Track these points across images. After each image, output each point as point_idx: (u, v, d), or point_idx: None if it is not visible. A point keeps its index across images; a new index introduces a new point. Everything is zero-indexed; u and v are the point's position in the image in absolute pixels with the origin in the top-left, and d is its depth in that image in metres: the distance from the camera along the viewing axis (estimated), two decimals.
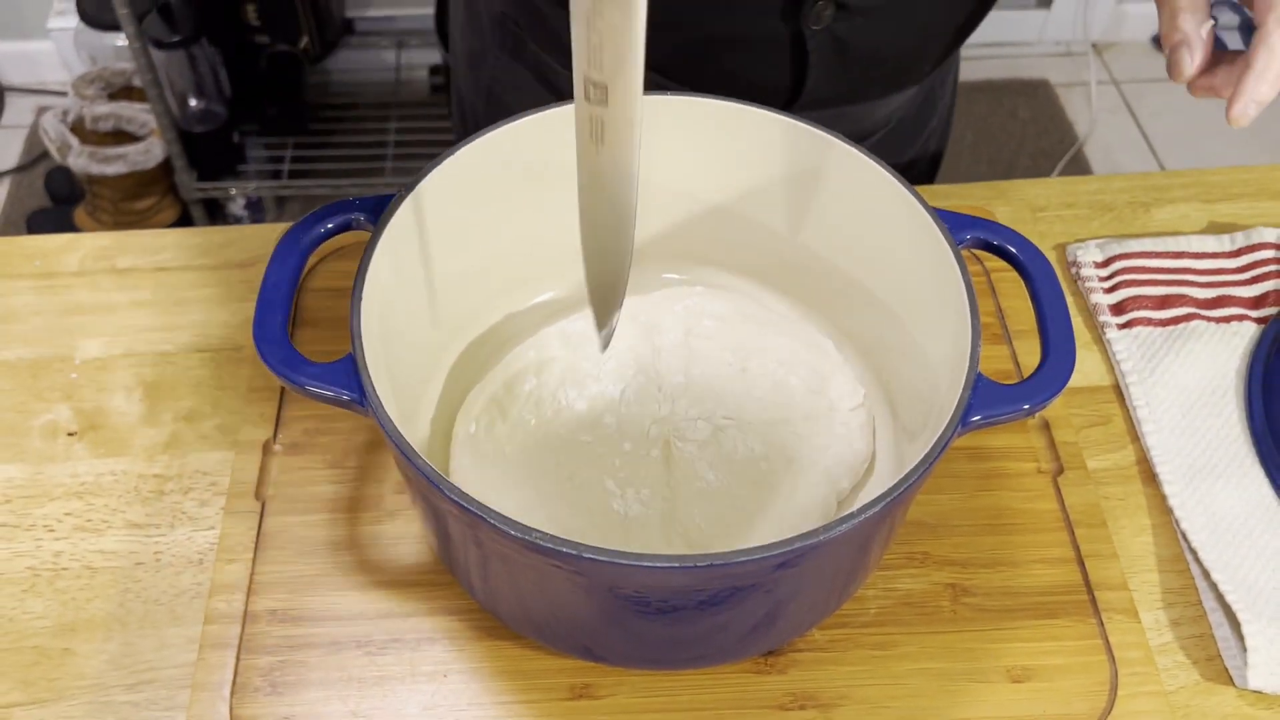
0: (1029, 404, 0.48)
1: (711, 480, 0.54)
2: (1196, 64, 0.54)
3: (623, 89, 0.41)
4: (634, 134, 0.43)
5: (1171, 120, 2.23)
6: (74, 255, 0.74)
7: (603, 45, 0.40)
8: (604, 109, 0.42)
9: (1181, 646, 0.58)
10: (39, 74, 2.20)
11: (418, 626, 0.56)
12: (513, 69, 0.74)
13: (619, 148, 0.43)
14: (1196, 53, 0.53)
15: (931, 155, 0.88)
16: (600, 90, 0.41)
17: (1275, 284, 0.72)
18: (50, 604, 0.59)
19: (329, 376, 0.47)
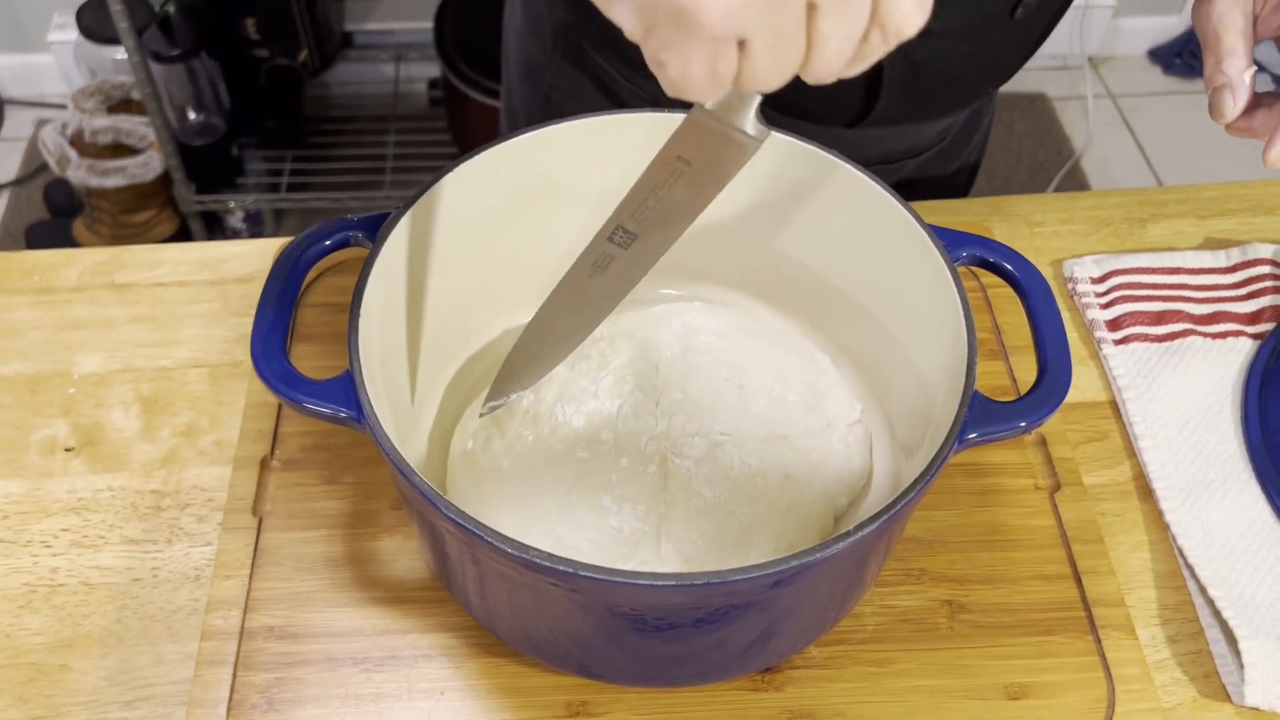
0: (1025, 421, 0.48)
1: (708, 496, 0.54)
2: (1239, 107, 0.57)
3: (649, 247, 0.43)
4: (636, 280, 0.44)
5: (1168, 134, 2.24)
6: (72, 270, 0.74)
7: (655, 209, 0.41)
8: (621, 251, 0.44)
9: (1179, 663, 0.58)
10: (38, 87, 2.20)
11: (415, 643, 0.56)
12: (574, 77, 0.74)
13: (615, 285, 0.45)
14: (1240, 96, 0.56)
15: (972, 166, 0.89)
16: (628, 237, 0.43)
17: (1271, 300, 0.72)
18: (47, 620, 0.58)
19: (326, 393, 0.47)
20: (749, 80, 0.34)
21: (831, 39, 0.33)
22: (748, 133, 0.39)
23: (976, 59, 0.69)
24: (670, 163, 0.41)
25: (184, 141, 1.83)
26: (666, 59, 0.33)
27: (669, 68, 0.33)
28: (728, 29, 0.32)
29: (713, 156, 0.40)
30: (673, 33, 0.32)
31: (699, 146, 0.40)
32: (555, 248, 0.62)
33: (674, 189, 0.41)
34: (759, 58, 0.33)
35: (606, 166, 0.58)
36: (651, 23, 0.33)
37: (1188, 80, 2.34)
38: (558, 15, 0.74)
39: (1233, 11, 0.57)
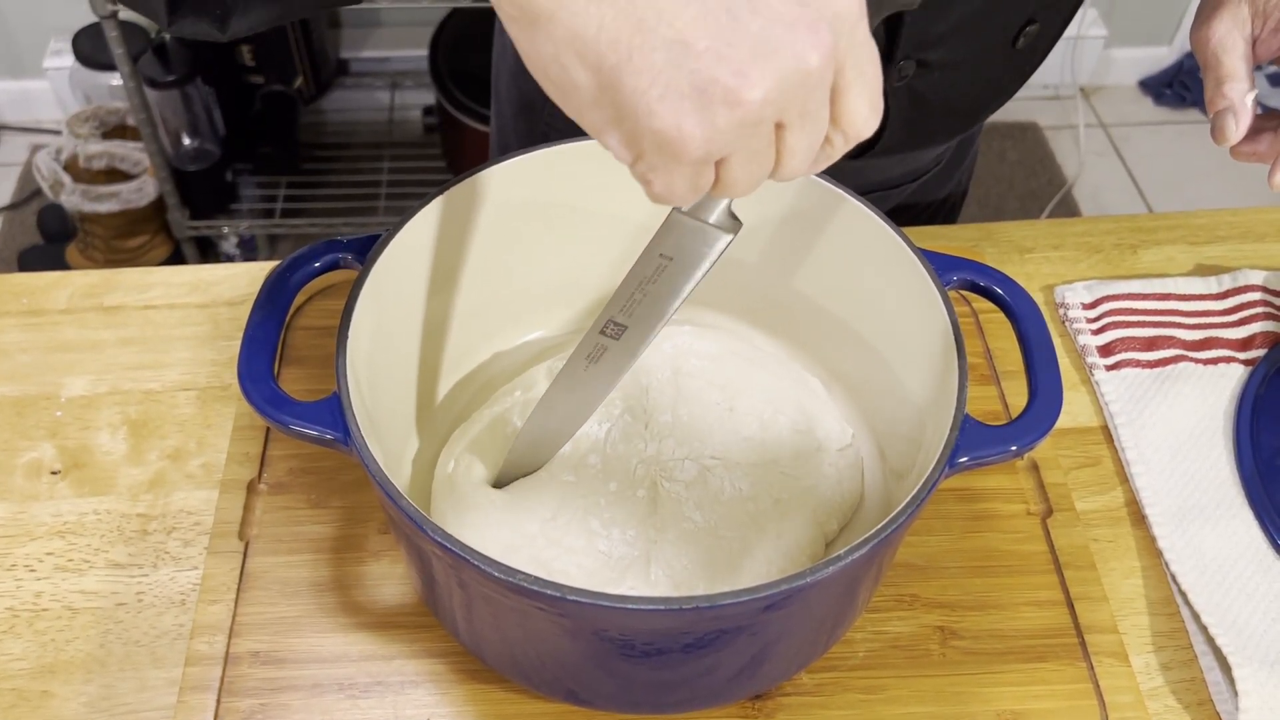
0: (1017, 445, 0.48)
1: (698, 521, 0.53)
2: (1242, 131, 0.57)
3: (639, 334, 0.47)
4: (631, 364, 0.48)
5: (1159, 163, 2.25)
6: (62, 293, 0.73)
7: (643, 303, 0.46)
8: (613, 342, 0.47)
9: (1172, 690, 0.58)
10: (33, 112, 2.20)
11: (401, 669, 0.55)
12: None
13: (609, 371, 0.48)
14: (1242, 120, 0.57)
15: (962, 191, 0.90)
16: (619, 329, 0.47)
17: (1262, 326, 0.72)
18: (29, 645, 0.58)
19: (313, 416, 0.47)
20: (725, 191, 0.38)
21: (798, 150, 0.37)
22: (721, 228, 0.43)
23: (978, 87, 0.70)
24: (653, 259, 0.45)
25: (178, 167, 1.83)
26: (653, 179, 0.36)
27: (655, 185, 0.37)
28: (707, 153, 0.35)
29: (691, 251, 0.44)
30: (658, 159, 0.35)
31: (678, 243, 0.44)
32: (545, 271, 0.62)
33: (659, 282, 0.45)
34: (735, 172, 0.37)
35: (599, 190, 0.58)
36: (639, 151, 0.36)
37: (1178, 110, 2.36)
38: None
39: (1232, 34, 0.57)
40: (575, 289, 0.64)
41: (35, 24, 2.08)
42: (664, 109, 0.34)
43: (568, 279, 0.63)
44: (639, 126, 0.35)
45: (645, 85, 0.34)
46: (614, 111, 0.35)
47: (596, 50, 0.34)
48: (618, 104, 0.35)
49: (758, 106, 0.34)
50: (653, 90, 0.34)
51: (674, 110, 0.34)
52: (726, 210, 0.43)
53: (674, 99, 0.34)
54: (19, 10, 2.06)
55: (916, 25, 0.61)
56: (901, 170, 0.77)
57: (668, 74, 0.34)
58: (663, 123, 0.34)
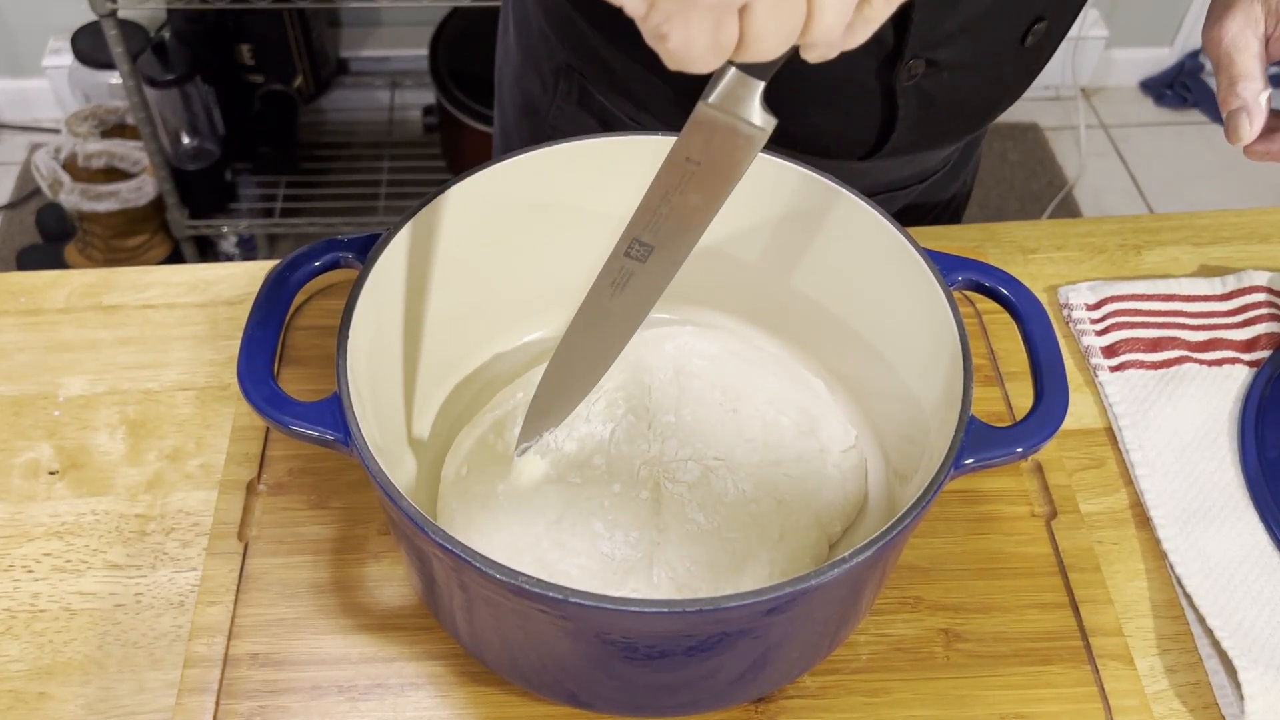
0: (1022, 447, 0.48)
1: (701, 522, 0.53)
2: (1256, 130, 0.57)
3: (668, 257, 0.42)
4: (658, 294, 0.44)
5: (1160, 164, 2.25)
6: (60, 292, 0.73)
7: (669, 217, 0.41)
8: (640, 265, 0.43)
9: (1177, 694, 0.57)
10: (32, 111, 2.20)
11: (401, 671, 0.55)
12: (577, 117, 0.75)
13: (637, 301, 0.44)
14: (1256, 119, 0.57)
15: (967, 191, 0.90)
16: (644, 250, 0.42)
17: (1267, 327, 0.72)
18: (27, 646, 0.57)
19: (314, 416, 0.46)
20: (750, 47, 0.34)
21: (831, 2, 0.33)
22: (754, 123, 0.39)
23: (988, 87, 0.70)
24: (679, 165, 0.41)
25: (178, 166, 1.83)
26: (668, 31, 0.33)
27: (671, 39, 0.33)
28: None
29: (721, 152, 0.40)
30: (674, 4, 0.32)
31: (706, 144, 0.40)
32: (547, 271, 0.62)
33: (686, 192, 0.41)
34: (760, 23, 0.33)
35: (600, 190, 0.58)
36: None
37: (1179, 111, 2.35)
38: (559, 57, 0.74)
39: (1245, 34, 0.57)
40: (576, 290, 0.63)
41: (34, 23, 2.08)
42: None
43: (568, 280, 0.63)
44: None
45: None
46: None
47: None
48: None
49: None
50: None
51: None
52: (759, 102, 0.39)
53: None
54: (18, 9, 2.05)
55: (925, 23, 0.61)
56: (909, 171, 0.77)
57: None
58: None
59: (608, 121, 0.74)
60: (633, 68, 0.68)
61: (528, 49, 0.77)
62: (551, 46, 0.73)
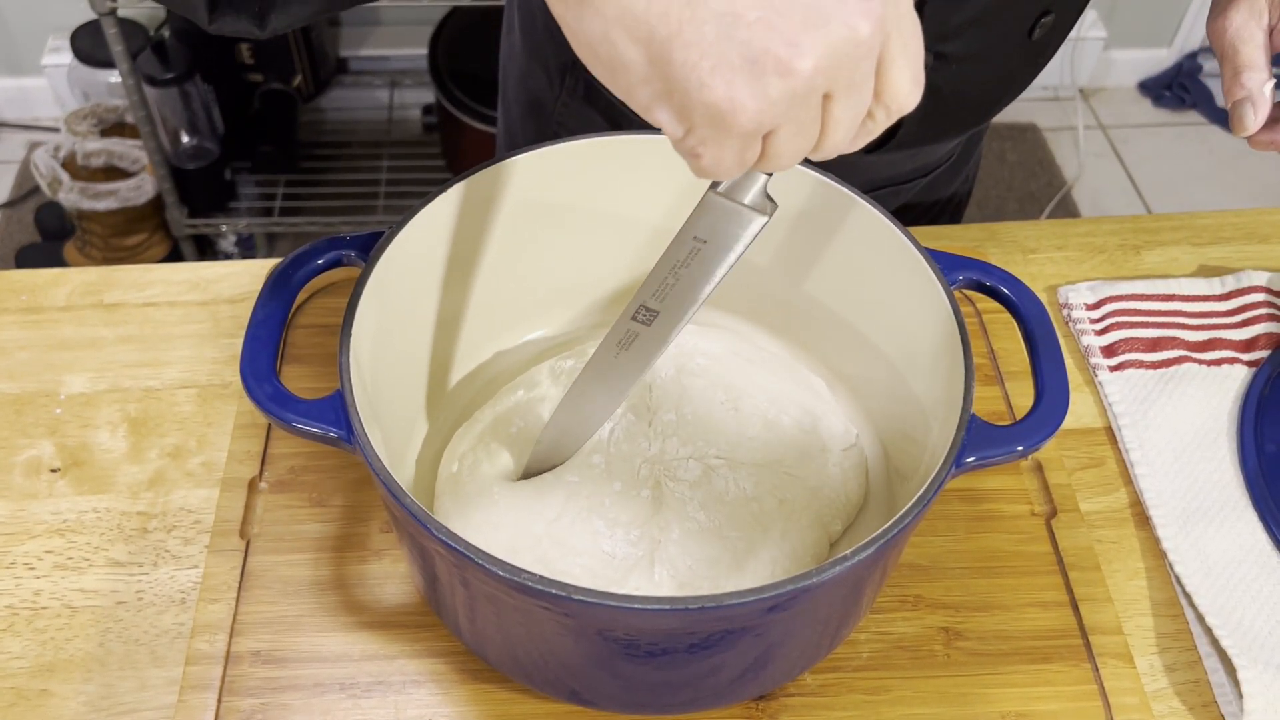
0: (1023, 445, 0.48)
1: (702, 520, 0.53)
2: (1260, 120, 0.57)
3: (670, 322, 0.46)
4: (661, 351, 0.47)
5: (1158, 165, 2.25)
6: (61, 290, 0.73)
7: (675, 287, 0.45)
8: (644, 328, 0.47)
9: (1177, 692, 0.58)
10: (32, 110, 2.20)
11: (403, 669, 0.55)
12: (584, 113, 0.75)
13: (639, 359, 0.48)
14: (1260, 109, 0.57)
15: (967, 190, 0.90)
16: (650, 315, 0.46)
17: (1266, 327, 0.72)
18: (29, 644, 0.57)
19: (316, 414, 0.46)
20: (770, 163, 0.37)
21: (843, 122, 0.36)
22: (757, 209, 0.43)
23: (993, 80, 0.70)
24: (687, 243, 0.44)
25: (177, 165, 1.83)
26: (702, 152, 0.36)
27: (704, 159, 0.37)
28: (758, 125, 0.35)
29: (726, 233, 0.43)
30: (709, 131, 0.35)
31: (712, 226, 0.43)
32: (547, 270, 0.62)
33: (692, 266, 0.44)
34: (782, 145, 0.36)
35: (602, 189, 0.58)
36: (690, 124, 0.36)
37: (1177, 112, 2.36)
38: (565, 54, 0.74)
39: (1249, 25, 0.57)
40: (578, 288, 0.64)
41: (34, 21, 2.08)
42: (716, 81, 0.34)
43: (570, 278, 0.63)
44: (690, 99, 0.35)
45: (696, 58, 0.34)
46: (664, 85, 0.35)
47: (647, 25, 0.34)
48: (668, 78, 0.35)
49: (809, 76, 0.34)
50: (704, 62, 0.34)
51: (726, 82, 0.34)
52: (762, 191, 0.43)
53: (726, 70, 0.34)
54: (17, 8, 2.05)
55: (935, 17, 0.61)
56: (913, 166, 0.77)
57: (719, 46, 0.34)
58: (715, 95, 0.34)
59: (614, 118, 0.74)
60: None
61: (533, 46, 0.77)
62: (557, 43, 0.74)
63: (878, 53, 0.35)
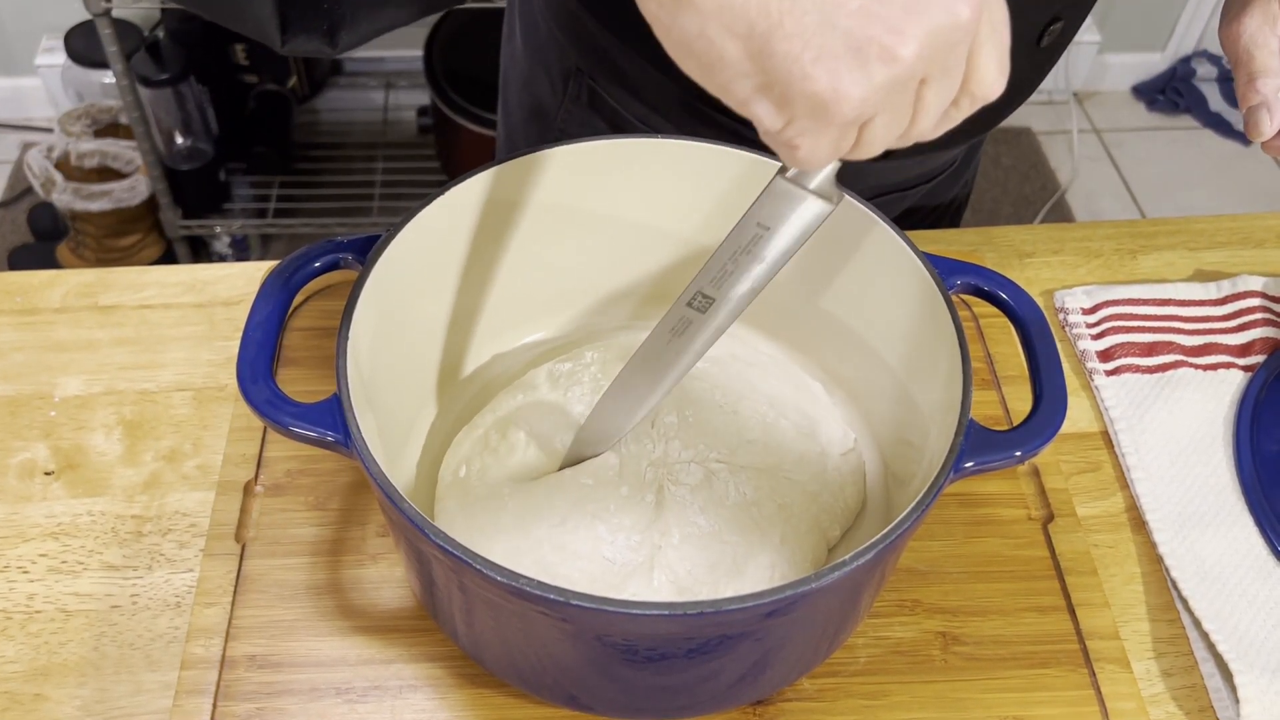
0: (1021, 450, 0.48)
1: (703, 525, 0.53)
2: (1275, 125, 0.58)
3: (727, 309, 0.46)
4: (714, 339, 0.47)
5: (1152, 169, 2.26)
6: (56, 291, 0.73)
7: (734, 274, 0.44)
8: (699, 315, 0.46)
9: (1173, 697, 0.58)
10: (25, 110, 2.19)
11: (400, 673, 0.55)
12: (587, 119, 0.75)
13: (691, 346, 0.47)
14: (1276, 114, 0.58)
15: (966, 194, 0.91)
16: (706, 302, 0.46)
17: (1262, 332, 0.72)
18: (22, 648, 0.57)
19: (313, 417, 0.46)
20: (862, 151, 0.37)
21: (932, 108, 0.36)
22: (825, 196, 0.42)
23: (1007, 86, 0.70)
24: (750, 229, 0.44)
25: (171, 166, 1.82)
26: (800, 143, 0.36)
27: (801, 150, 0.36)
28: (861, 114, 0.35)
29: (792, 220, 0.43)
30: (809, 122, 0.35)
31: (778, 212, 0.43)
32: (545, 273, 0.62)
33: (752, 252, 0.44)
34: (877, 132, 0.36)
35: (600, 192, 0.58)
36: (791, 115, 0.35)
37: (1171, 116, 2.36)
38: (569, 60, 0.74)
39: (1263, 30, 0.58)
40: (576, 291, 0.64)
41: (27, 21, 2.07)
42: (819, 70, 0.34)
43: (568, 281, 0.63)
44: (792, 90, 0.34)
45: (798, 49, 0.34)
46: (764, 78, 0.35)
47: (746, 18, 0.34)
48: (769, 70, 0.34)
49: (911, 63, 0.34)
50: (806, 53, 0.33)
51: (829, 71, 0.33)
52: (831, 178, 0.42)
53: (829, 60, 0.33)
54: (11, 8, 2.05)
55: None
56: (918, 171, 0.77)
57: (820, 35, 0.33)
58: (818, 84, 0.34)
59: (618, 124, 0.74)
60: (644, 69, 0.68)
61: (536, 52, 0.77)
62: (561, 49, 0.73)
63: (972, 38, 0.35)
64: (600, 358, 0.59)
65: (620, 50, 0.70)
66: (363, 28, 0.45)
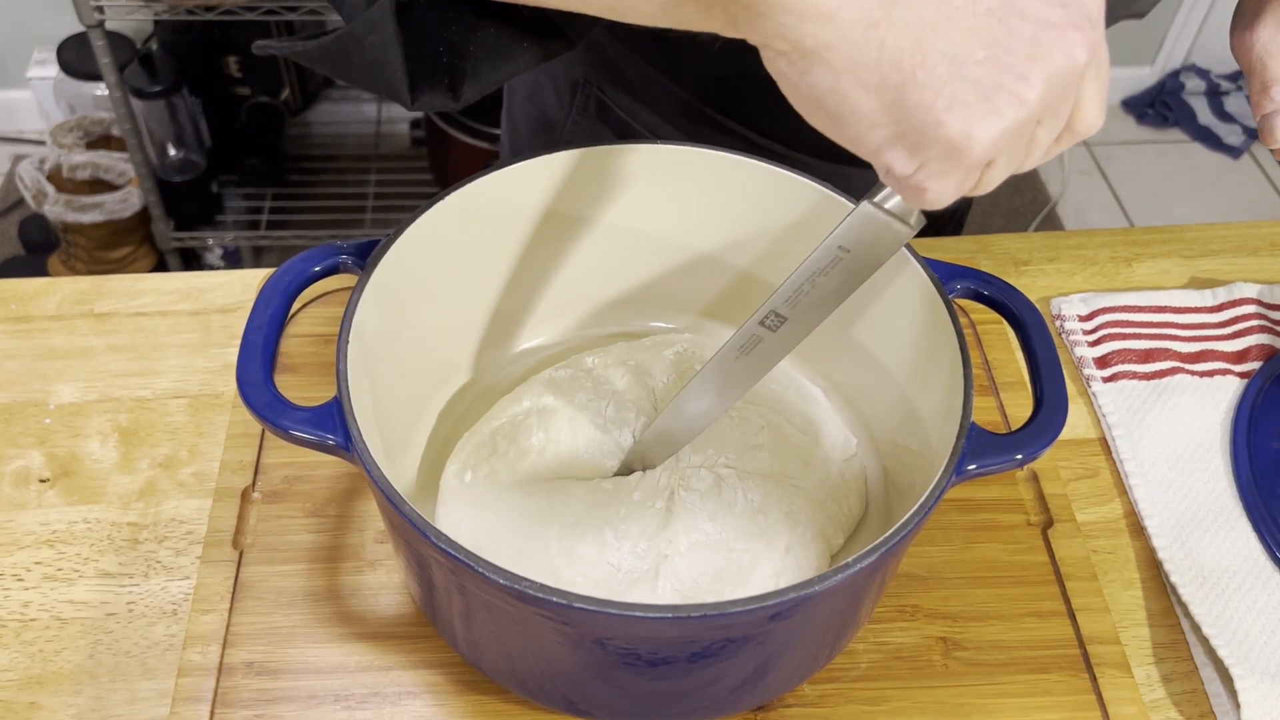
0: (1022, 454, 0.48)
1: (710, 532, 0.52)
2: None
3: (797, 328, 0.47)
4: (780, 358, 0.48)
5: (1141, 181, 2.27)
6: (51, 299, 0.72)
7: (809, 295, 0.45)
8: (770, 334, 0.47)
9: (1174, 702, 0.58)
10: (16, 122, 2.19)
11: (398, 680, 0.55)
12: (594, 130, 0.76)
13: (760, 364, 0.49)
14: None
15: (967, 205, 0.91)
16: (778, 321, 0.47)
17: (1257, 339, 0.72)
18: (17, 656, 0.57)
19: (313, 421, 0.46)
20: (981, 189, 0.39)
21: (1042, 145, 0.38)
22: (909, 224, 0.43)
23: None
24: (831, 252, 0.44)
25: (163, 178, 1.82)
26: (930, 185, 0.37)
27: (929, 191, 0.38)
28: (989, 155, 0.36)
29: (873, 245, 0.44)
30: (941, 165, 0.37)
31: (861, 236, 0.44)
32: (545, 279, 0.62)
33: (830, 275, 0.45)
34: (997, 171, 0.38)
35: (599, 199, 0.58)
36: (923, 160, 0.37)
37: (1160, 130, 2.38)
38: (575, 71, 0.74)
39: (1276, 39, 0.59)
40: (575, 297, 0.64)
41: (19, 34, 2.07)
42: (953, 119, 0.35)
43: (568, 287, 0.63)
44: (925, 138, 0.36)
45: (931, 99, 0.35)
46: (897, 128, 0.36)
47: (879, 73, 0.35)
48: (902, 120, 0.36)
49: (1036, 106, 0.35)
50: (939, 102, 0.35)
51: (963, 118, 0.35)
52: (916, 208, 0.43)
53: (961, 108, 0.35)
54: (3, 20, 2.05)
55: None
56: None
57: (952, 85, 0.35)
58: (951, 131, 0.35)
59: (625, 134, 0.74)
60: (652, 78, 0.68)
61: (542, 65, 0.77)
62: (567, 60, 0.74)
63: (1082, 78, 0.37)
64: (600, 363, 0.59)
65: (628, 59, 0.70)
66: (483, 79, 0.46)
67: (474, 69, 0.47)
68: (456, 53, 0.47)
